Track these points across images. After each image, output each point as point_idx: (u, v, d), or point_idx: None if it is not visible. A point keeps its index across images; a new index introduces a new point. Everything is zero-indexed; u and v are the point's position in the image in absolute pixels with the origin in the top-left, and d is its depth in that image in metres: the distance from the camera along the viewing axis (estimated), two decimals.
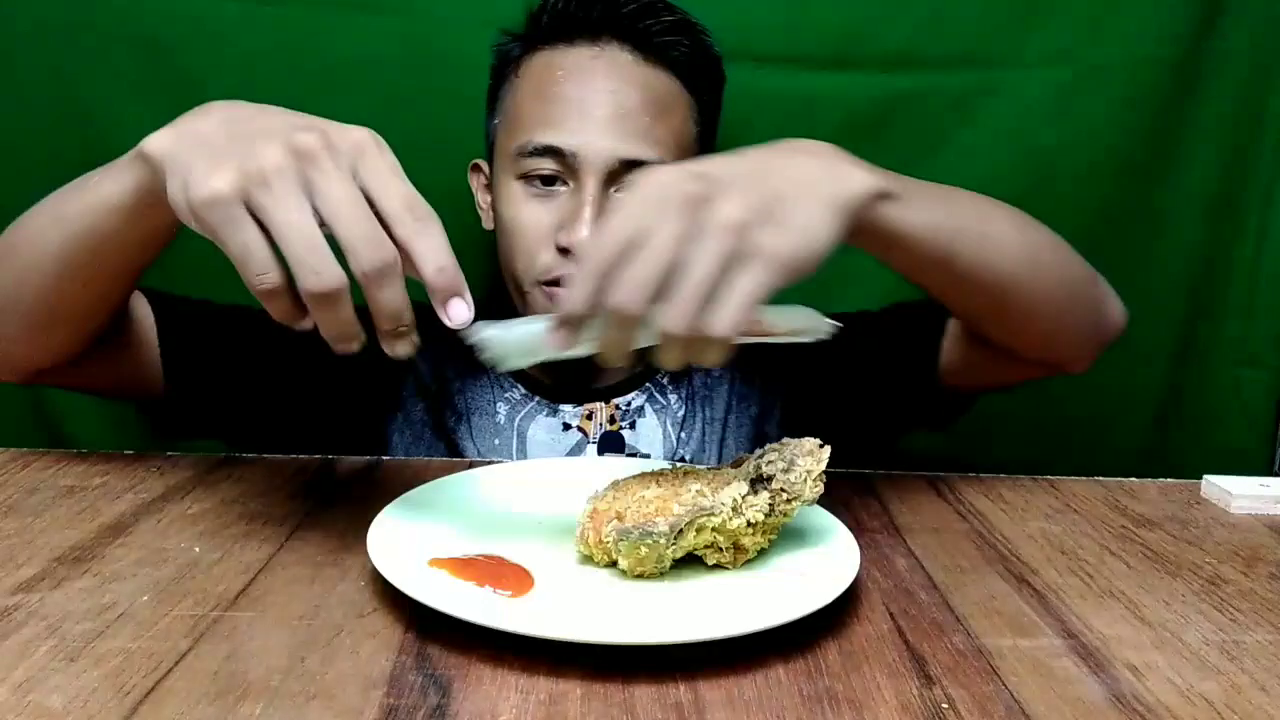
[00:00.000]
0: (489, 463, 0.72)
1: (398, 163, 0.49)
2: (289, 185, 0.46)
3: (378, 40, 0.97)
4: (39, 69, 0.96)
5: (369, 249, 0.46)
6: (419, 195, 0.48)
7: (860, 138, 1.00)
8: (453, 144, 0.97)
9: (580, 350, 0.52)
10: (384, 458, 0.77)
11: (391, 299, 0.48)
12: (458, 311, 0.49)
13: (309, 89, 0.97)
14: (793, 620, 0.47)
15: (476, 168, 0.92)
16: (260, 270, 0.47)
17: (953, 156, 1.01)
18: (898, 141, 1.01)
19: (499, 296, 0.85)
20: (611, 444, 0.87)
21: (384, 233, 0.47)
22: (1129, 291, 0.79)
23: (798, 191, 0.54)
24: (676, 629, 0.48)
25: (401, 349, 0.50)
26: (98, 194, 0.59)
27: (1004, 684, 0.46)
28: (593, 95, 0.79)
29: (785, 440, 0.57)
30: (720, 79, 0.88)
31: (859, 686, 0.45)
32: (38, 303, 0.66)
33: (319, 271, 0.46)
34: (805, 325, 0.55)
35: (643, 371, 0.89)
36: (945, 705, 0.44)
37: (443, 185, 0.96)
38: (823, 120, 1.00)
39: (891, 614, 0.53)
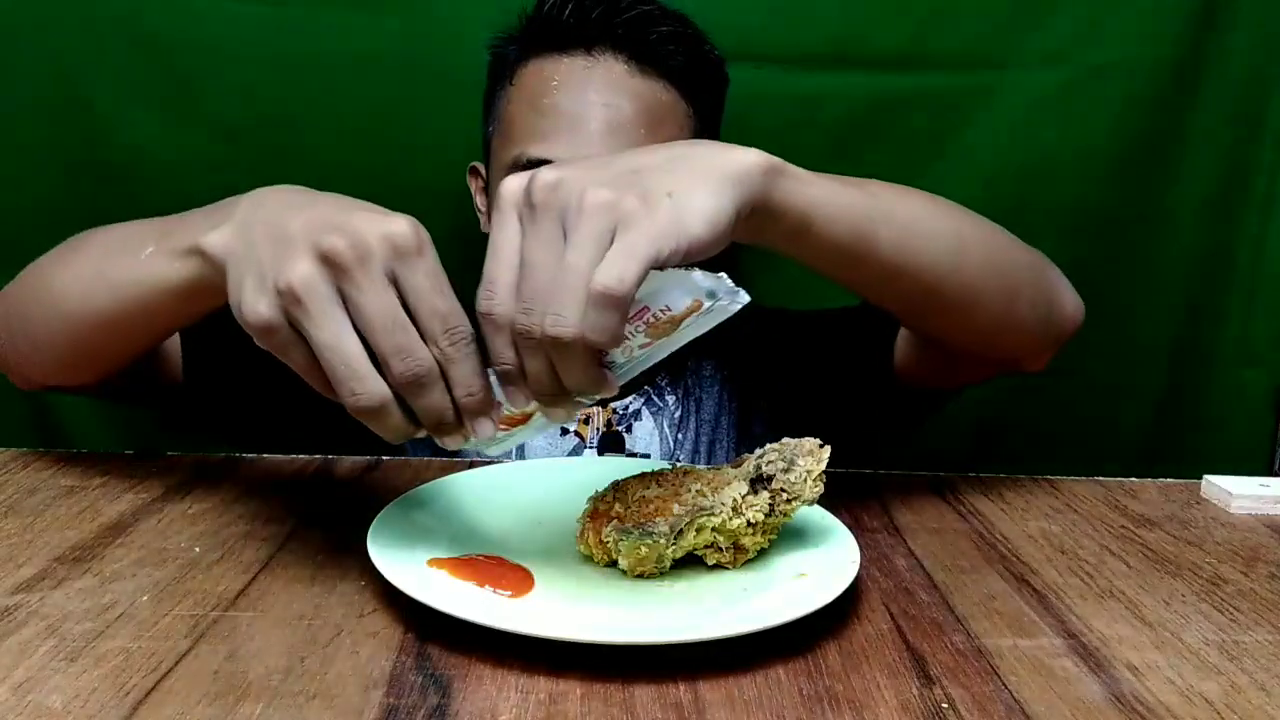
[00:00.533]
0: (489, 462, 0.72)
1: (438, 265, 0.47)
2: (321, 302, 0.46)
3: (378, 40, 0.97)
4: (39, 68, 0.96)
5: (403, 363, 0.46)
6: (456, 308, 0.47)
7: (860, 138, 1.01)
8: (452, 144, 0.97)
9: (538, 418, 0.52)
10: (384, 457, 0.77)
11: (430, 405, 0.47)
12: (483, 429, 0.49)
13: (309, 89, 0.97)
14: (793, 620, 0.47)
15: (475, 171, 0.92)
16: (322, 389, 0.48)
17: (953, 156, 1.01)
18: (898, 141, 1.01)
19: None
20: (612, 444, 0.87)
21: (419, 342, 0.47)
22: (1129, 291, 0.79)
23: (673, 168, 0.50)
24: (676, 629, 0.48)
25: (451, 444, 0.50)
26: (151, 273, 0.58)
27: (1004, 684, 0.46)
28: (586, 108, 0.78)
29: (785, 440, 0.57)
30: (722, 84, 0.87)
31: (859, 686, 0.45)
32: (75, 348, 0.66)
33: (357, 393, 0.46)
34: (703, 292, 0.47)
35: (642, 374, 0.89)
36: (945, 705, 0.44)
37: (441, 185, 0.97)
38: (823, 120, 1.00)
39: (891, 614, 0.53)
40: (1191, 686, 0.47)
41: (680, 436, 0.88)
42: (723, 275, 0.47)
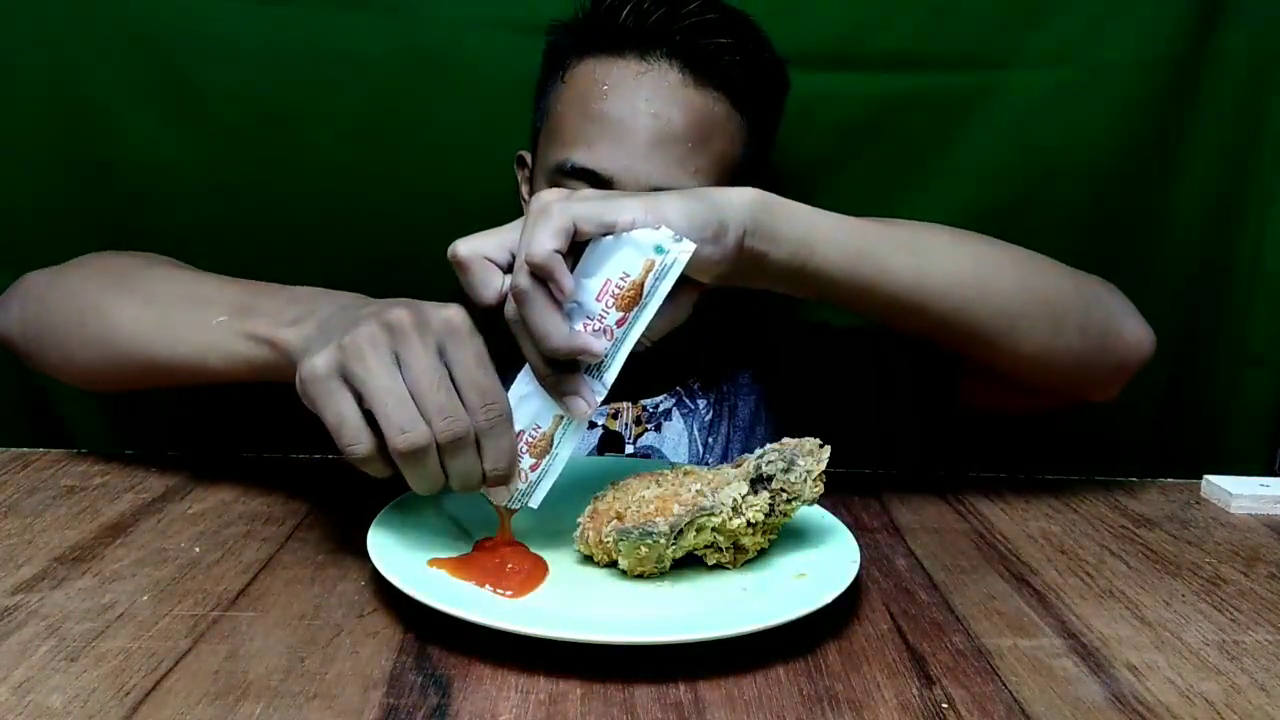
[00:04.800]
0: None
1: (484, 351, 0.52)
2: (380, 355, 0.50)
3: (379, 39, 0.97)
4: (39, 69, 0.96)
5: (446, 422, 0.50)
6: (497, 387, 0.52)
7: (860, 138, 1.01)
8: (453, 144, 0.97)
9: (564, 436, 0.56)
10: None
11: (464, 467, 0.51)
12: (499, 496, 0.55)
13: (310, 89, 0.97)
14: (793, 620, 0.47)
15: (522, 160, 0.89)
16: (351, 441, 0.50)
17: (953, 156, 1.01)
18: (898, 141, 1.01)
19: None
20: (610, 443, 0.87)
21: (461, 406, 0.50)
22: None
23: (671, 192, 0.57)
24: (676, 629, 0.48)
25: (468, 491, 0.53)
26: (220, 342, 0.61)
27: (1004, 684, 0.46)
28: (634, 117, 0.76)
29: (785, 440, 0.57)
30: (781, 91, 0.85)
31: (859, 686, 0.45)
32: (112, 375, 0.68)
33: (405, 430, 0.49)
34: (650, 248, 0.53)
35: (671, 373, 0.88)
36: (945, 705, 0.44)
37: (441, 185, 0.97)
38: (823, 120, 1.00)
39: (891, 614, 0.53)
40: (1191, 686, 0.47)
41: (710, 440, 0.87)
42: (663, 227, 0.53)
